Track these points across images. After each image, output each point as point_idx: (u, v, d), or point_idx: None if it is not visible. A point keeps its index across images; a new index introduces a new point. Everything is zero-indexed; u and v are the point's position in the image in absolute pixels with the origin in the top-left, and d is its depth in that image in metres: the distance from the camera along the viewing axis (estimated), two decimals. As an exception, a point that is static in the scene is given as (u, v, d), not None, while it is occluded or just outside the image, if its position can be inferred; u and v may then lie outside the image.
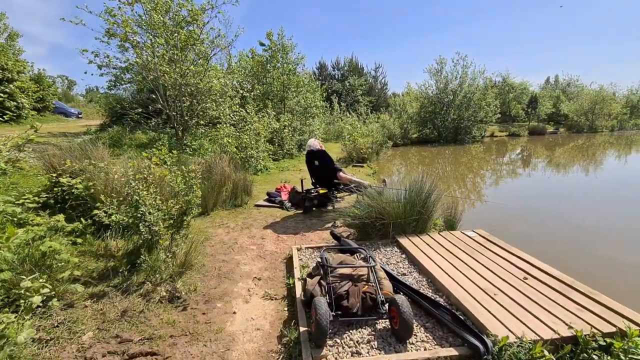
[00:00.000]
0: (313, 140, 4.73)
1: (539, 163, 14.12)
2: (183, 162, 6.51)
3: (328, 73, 29.22)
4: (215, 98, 8.57)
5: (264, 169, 8.62)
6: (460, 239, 3.44)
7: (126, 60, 8.46)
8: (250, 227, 4.52)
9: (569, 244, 4.69)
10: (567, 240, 4.84)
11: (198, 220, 4.67)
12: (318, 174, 4.78)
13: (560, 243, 4.70)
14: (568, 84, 40.22)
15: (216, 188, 5.23)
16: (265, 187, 6.89)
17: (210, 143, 8.18)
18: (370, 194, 3.88)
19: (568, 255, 4.23)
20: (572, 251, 4.43)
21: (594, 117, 29.30)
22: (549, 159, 15.40)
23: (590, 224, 5.51)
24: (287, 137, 11.28)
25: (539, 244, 4.52)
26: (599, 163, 13.51)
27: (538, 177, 10.80)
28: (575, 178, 10.46)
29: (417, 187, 3.67)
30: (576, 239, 4.90)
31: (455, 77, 21.52)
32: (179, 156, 7.19)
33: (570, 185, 9.26)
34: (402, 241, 3.41)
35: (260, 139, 9.01)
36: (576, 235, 5.09)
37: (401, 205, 3.52)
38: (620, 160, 14.70)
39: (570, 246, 4.61)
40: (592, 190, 8.44)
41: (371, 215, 3.53)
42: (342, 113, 21.73)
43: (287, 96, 13.36)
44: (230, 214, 5.07)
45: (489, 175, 11.29)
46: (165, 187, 3.72)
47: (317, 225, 4.58)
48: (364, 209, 3.59)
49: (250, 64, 13.56)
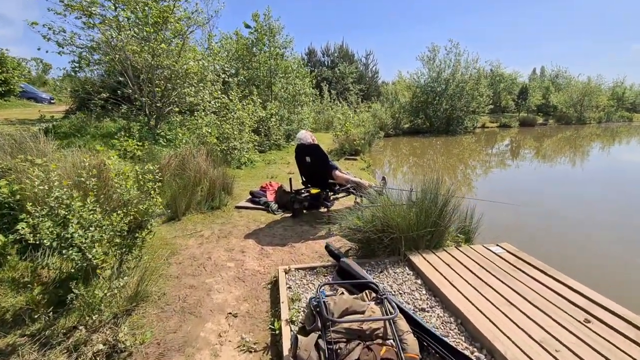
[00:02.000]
0: (304, 132, 3.99)
1: (542, 156, 13.61)
2: (154, 156, 5.69)
3: (317, 59, 28.11)
4: (193, 82, 7.65)
5: (248, 162, 7.83)
6: (485, 257, 2.81)
7: (91, 39, 7.44)
8: (228, 235, 3.79)
9: (606, 259, 4.02)
10: (603, 254, 4.11)
11: (164, 228, 3.90)
12: (310, 172, 4.06)
13: (596, 257, 4.04)
14: (557, 75, 40.21)
15: (189, 187, 4.45)
16: (250, 184, 6.13)
17: (189, 132, 7.31)
18: (373, 198, 3.21)
19: (611, 276, 3.59)
20: (616, 271, 3.73)
21: (582, 108, 29.34)
22: (548, 151, 15.04)
23: (627, 234, 4.81)
24: (274, 127, 10.45)
25: (570, 259, 3.88)
26: (614, 158, 13.13)
27: (544, 172, 10.34)
28: (588, 174, 10.04)
29: (431, 192, 3.01)
30: (611, 252, 4.22)
31: (448, 66, 20.92)
32: (151, 148, 6.35)
33: (583, 181, 8.81)
34: (415, 260, 2.75)
35: (245, 129, 8.18)
36: (608, 245, 4.43)
37: (413, 215, 2.85)
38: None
39: (610, 261, 3.94)
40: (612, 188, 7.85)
41: (376, 227, 2.85)
42: (333, 102, 20.88)
43: (274, 82, 12.45)
44: (206, 218, 4.32)
45: (493, 170, 10.79)
46: (119, 192, 2.95)
47: (308, 233, 3.88)
48: (367, 220, 2.90)
49: (235, 47, 12.53)
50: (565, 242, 4.52)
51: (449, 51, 20.74)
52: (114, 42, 6.96)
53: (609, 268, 3.80)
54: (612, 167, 11.23)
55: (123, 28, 6.89)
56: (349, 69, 25.95)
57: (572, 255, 4.06)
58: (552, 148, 16.06)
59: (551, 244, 4.41)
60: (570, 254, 4.07)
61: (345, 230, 3.07)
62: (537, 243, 4.28)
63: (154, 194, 2.75)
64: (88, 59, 7.86)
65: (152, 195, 2.73)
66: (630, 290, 3.23)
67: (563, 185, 8.15)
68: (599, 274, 3.60)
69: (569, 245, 4.41)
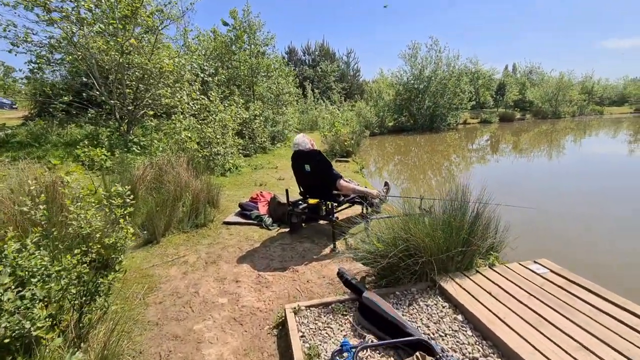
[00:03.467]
0: (302, 136, 3.46)
1: (535, 151, 13.56)
2: (126, 166, 5.01)
3: (298, 58, 27.52)
4: (169, 82, 6.96)
5: (233, 168, 7.21)
6: (528, 280, 2.39)
7: (50, 37, 6.61)
8: (218, 260, 3.22)
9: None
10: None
11: (140, 255, 3.28)
12: (310, 183, 3.55)
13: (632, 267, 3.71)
14: (530, 71, 41.34)
15: (169, 203, 3.83)
16: (237, 194, 5.55)
17: (166, 138, 6.62)
18: (384, 211, 2.74)
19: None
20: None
21: (557, 103, 30.21)
22: (532, 145, 15.14)
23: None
24: (259, 129, 9.85)
25: (607, 267, 3.53)
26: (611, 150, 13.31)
27: (543, 169, 10.22)
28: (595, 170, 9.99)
29: (459, 203, 2.57)
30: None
31: (430, 63, 20.87)
32: (122, 157, 5.65)
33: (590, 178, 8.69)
34: (448, 288, 2.30)
35: (228, 132, 7.55)
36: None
37: (440, 232, 2.39)
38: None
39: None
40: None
41: (400, 249, 2.37)
42: (316, 101, 20.38)
43: (256, 81, 11.82)
44: (190, 238, 3.72)
45: (487, 167, 10.61)
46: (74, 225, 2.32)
47: (311, 252, 3.37)
48: (388, 241, 2.42)
49: (213, 45, 11.80)
50: (596, 248, 4.15)
51: (430, 48, 20.71)
52: (75, 39, 6.20)
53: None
54: (610, 160, 11.29)
55: (85, 22, 6.13)
56: (330, 68, 25.52)
57: (605, 263, 3.70)
58: (537, 142, 16.25)
59: (584, 252, 4.02)
60: (603, 262, 3.72)
61: (359, 253, 2.58)
62: (569, 252, 3.90)
63: (124, 224, 2.15)
64: (48, 58, 7.02)
65: (122, 225, 2.13)
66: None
67: (565, 179, 7.94)
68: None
69: (601, 252, 4.04)
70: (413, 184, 8.49)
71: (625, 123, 24.80)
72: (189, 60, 7.63)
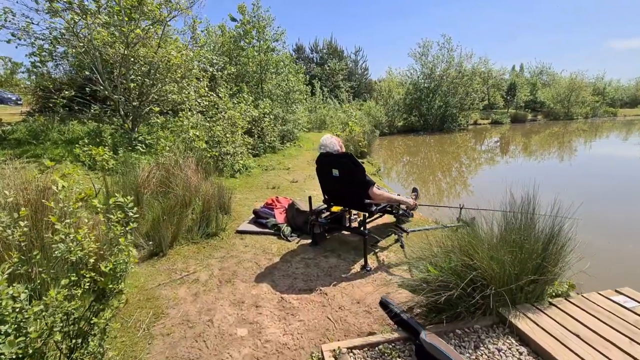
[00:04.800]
0: (329, 137, 3.04)
1: (567, 153, 12.99)
2: (130, 166, 4.61)
3: (306, 56, 27.09)
4: (176, 77, 6.56)
5: (243, 169, 6.81)
6: (617, 315, 1.95)
7: (52, 29, 6.23)
8: (233, 279, 2.80)
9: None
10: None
11: (144, 270, 2.87)
12: (337, 189, 3.12)
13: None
14: (541, 71, 40.53)
15: (177, 210, 3.42)
16: (248, 197, 5.14)
17: (172, 136, 6.22)
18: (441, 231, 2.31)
19: None
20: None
21: (569, 104, 29.51)
22: (567, 146, 14.56)
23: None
24: (268, 128, 9.44)
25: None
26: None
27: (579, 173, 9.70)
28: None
29: (526, 217, 2.13)
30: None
31: (441, 62, 20.34)
32: (126, 156, 5.26)
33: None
34: (522, 326, 1.86)
35: (237, 130, 7.15)
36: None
37: (509, 256, 1.96)
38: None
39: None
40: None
41: (461, 276, 1.94)
42: (325, 99, 19.94)
43: (265, 78, 11.40)
44: (200, 250, 3.31)
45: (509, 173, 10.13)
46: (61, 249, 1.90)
47: (338, 270, 2.94)
48: (445, 268, 1.98)
49: (221, 40, 11.40)
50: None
51: (442, 46, 20.19)
52: (77, 30, 5.81)
53: None
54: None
55: (89, 12, 5.74)
56: (339, 65, 25.05)
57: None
58: (564, 143, 15.69)
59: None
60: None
61: (409, 282, 2.15)
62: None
63: (126, 245, 1.73)
64: (51, 51, 6.65)
65: (123, 246, 1.71)
66: None
67: (611, 185, 7.37)
68: None
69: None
70: (440, 188, 8.05)
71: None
72: (197, 53, 7.22)
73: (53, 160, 4.68)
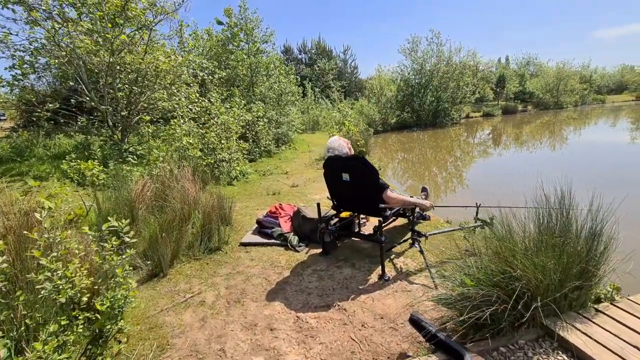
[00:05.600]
0: (337, 139, 2.84)
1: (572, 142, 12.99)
2: (122, 180, 4.36)
3: (294, 57, 26.86)
4: (165, 83, 6.29)
5: (240, 175, 6.57)
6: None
7: (33, 39, 5.91)
8: (242, 298, 2.58)
9: None
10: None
11: (144, 293, 2.64)
12: (349, 194, 2.91)
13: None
14: (527, 62, 40.86)
15: (176, 225, 3.19)
16: (249, 205, 4.91)
17: (164, 145, 5.96)
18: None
19: None
20: None
21: (558, 93, 29.77)
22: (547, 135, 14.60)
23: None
24: (263, 131, 9.20)
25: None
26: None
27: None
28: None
29: (562, 216, 1.96)
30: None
31: (431, 57, 20.30)
32: (117, 169, 4.99)
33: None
34: (572, 339, 1.68)
35: (232, 136, 6.91)
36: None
37: (552, 261, 1.78)
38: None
39: None
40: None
41: (498, 285, 1.75)
42: (316, 100, 19.74)
43: (256, 81, 11.16)
44: (204, 267, 3.07)
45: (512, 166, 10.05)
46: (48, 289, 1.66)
47: (355, 281, 2.74)
48: (483, 279, 1.79)
49: (209, 44, 11.12)
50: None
51: (430, 41, 20.15)
52: (59, 39, 5.52)
53: None
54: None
55: (70, 20, 5.46)
56: (328, 65, 24.88)
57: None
58: (557, 132, 15.75)
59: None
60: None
61: (443, 298, 1.95)
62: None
63: (122, 276, 1.49)
64: (32, 63, 6.32)
65: (121, 278, 1.47)
66: None
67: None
68: None
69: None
70: (437, 183, 7.94)
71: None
72: (186, 58, 6.96)
73: (39, 178, 4.41)
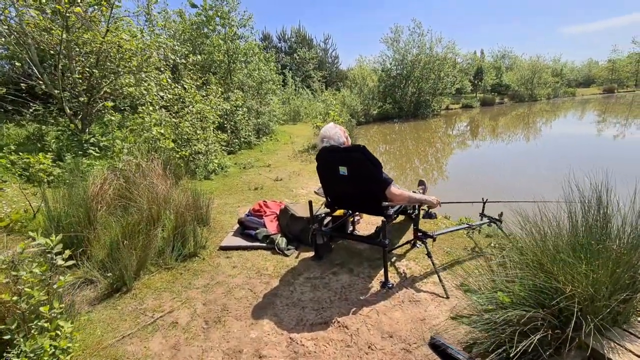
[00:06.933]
0: (332, 127, 2.44)
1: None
2: (82, 175, 3.79)
3: (274, 45, 25.98)
4: (131, 67, 5.62)
5: (218, 168, 6.05)
6: None
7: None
8: (223, 316, 2.17)
9: None
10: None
11: (103, 314, 2.17)
12: (346, 190, 2.54)
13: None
14: (503, 55, 41.72)
15: (142, 228, 2.70)
16: (228, 202, 4.45)
17: (132, 136, 5.35)
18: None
19: None
20: None
21: (532, 86, 30.60)
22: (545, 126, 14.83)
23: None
24: (242, 121, 8.65)
25: None
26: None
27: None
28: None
29: (598, 210, 1.68)
30: None
31: (413, 47, 20.14)
32: (76, 162, 4.39)
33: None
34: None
35: (209, 126, 6.35)
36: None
37: (602, 271, 1.48)
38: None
39: None
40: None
41: (538, 300, 1.44)
42: (297, 90, 19.15)
43: (234, 68, 10.49)
44: (177, 278, 2.62)
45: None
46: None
47: (354, 289, 2.39)
48: (519, 292, 1.47)
49: (182, 27, 10.31)
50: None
51: (412, 31, 19.97)
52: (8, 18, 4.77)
53: None
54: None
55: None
56: (309, 54, 24.21)
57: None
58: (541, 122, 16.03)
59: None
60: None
61: (476, 322, 1.62)
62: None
63: (50, 316, 1.03)
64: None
65: (46, 319, 1.01)
66: None
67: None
68: None
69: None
70: (418, 175, 7.73)
71: (606, 103, 25.36)
72: (155, 40, 6.29)
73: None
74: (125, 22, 5.95)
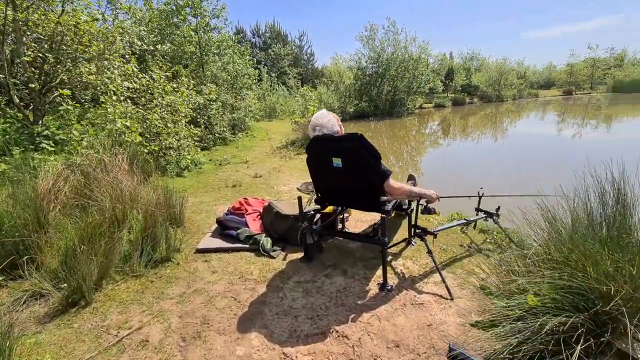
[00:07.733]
0: (325, 114, 2.20)
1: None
2: (33, 171, 3.32)
3: (248, 40, 25.26)
4: (91, 53, 5.07)
5: (191, 165, 5.63)
6: None
7: None
8: (203, 331, 1.87)
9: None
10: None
11: (55, 335, 1.80)
12: (340, 184, 2.30)
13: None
14: (471, 57, 43.30)
15: (104, 230, 2.33)
16: (204, 200, 4.10)
17: (93, 129, 4.82)
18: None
19: None
20: None
21: (499, 87, 31.95)
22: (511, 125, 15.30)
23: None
24: (217, 116, 8.20)
25: None
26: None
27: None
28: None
29: (619, 206, 1.57)
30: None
31: (388, 45, 20.30)
32: (27, 157, 3.86)
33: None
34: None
35: (180, 119, 5.90)
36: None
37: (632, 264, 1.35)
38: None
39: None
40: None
41: (574, 304, 1.28)
42: (272, 86, 18.71)
43: (207, 60, 9.96)
44: (146, 288, 2.28)
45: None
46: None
47: (351, 293, 2.17)
48: (552, 295, 1.31)
49: (149, 15, 9.63)
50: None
51: (387, 30, 20.12)
52: None
53: None
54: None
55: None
56: (284, 50, 23.77)
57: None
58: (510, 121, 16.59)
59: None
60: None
61: (504, 335, 1.43)
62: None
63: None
64: None
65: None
66: None
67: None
68: None
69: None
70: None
71: (567, 105, 26.86)
72: (119, 25, 5.74)
73: None
74: (84, 2, 5.35)
